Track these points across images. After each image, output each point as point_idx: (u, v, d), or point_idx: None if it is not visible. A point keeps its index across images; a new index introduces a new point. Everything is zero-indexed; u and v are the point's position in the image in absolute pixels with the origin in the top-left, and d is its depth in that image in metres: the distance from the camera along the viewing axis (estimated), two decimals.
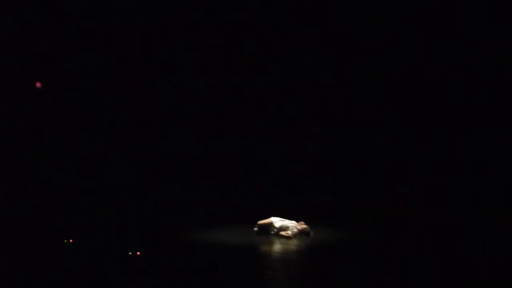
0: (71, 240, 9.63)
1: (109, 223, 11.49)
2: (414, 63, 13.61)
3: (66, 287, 7.31)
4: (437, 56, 13.46)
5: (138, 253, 8.87)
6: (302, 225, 11.15)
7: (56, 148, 13.73)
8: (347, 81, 14.03)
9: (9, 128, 13.39)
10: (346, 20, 13.82)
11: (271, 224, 11.26)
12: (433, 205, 13.04)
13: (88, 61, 13.91)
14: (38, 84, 13.86)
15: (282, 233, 11.13)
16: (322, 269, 8.69)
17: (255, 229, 11.32)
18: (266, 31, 14.07)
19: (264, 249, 10.26)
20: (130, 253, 8.84)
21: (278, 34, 14.02)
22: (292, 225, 11.21)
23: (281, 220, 11.29)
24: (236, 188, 13.91)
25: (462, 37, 13.20)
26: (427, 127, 13.69)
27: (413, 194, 13.37)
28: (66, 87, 13.95)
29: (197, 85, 14.38)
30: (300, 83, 14.27)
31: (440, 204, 13.05)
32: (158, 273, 7.95)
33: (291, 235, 11.04)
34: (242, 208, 12.48)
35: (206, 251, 9.54)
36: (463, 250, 9.89)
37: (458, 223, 12.11)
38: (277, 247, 10.30)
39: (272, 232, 11.19)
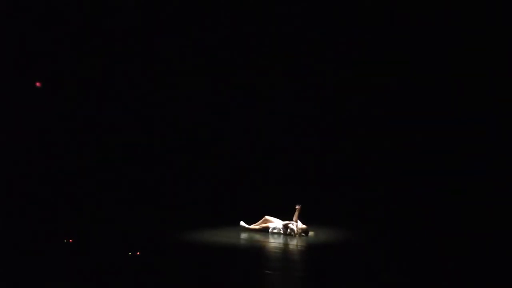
0: (71, 240, 9.63)
1: (109, 223, 11.49)
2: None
3: (66, 287, 7.31)
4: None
5: (138, 253, 8.88)
6: (302, 225, 11.15)
7: (56, 148, 13.74)
8: (346, 81, 14.07)
9: (9, 128, 13.40)
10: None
11: (268, 222, 11.34)
12: (432, 204, 13.08)
13: (87, 60, 13.94)
14: (38, 84, 13.86)
15: (275, 230, 11.21)
16: (322, 269, 8.69)
17: (243, 224, 11.40)
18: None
19: (264, 249, 10.26)
20: (130, 253, 8.84)
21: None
22: (291, 225, 11.23)
23: (278, 220, 11.36)
24: (236, 188, 13.93)
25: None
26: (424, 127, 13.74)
27: (413, 194, 13.40)
28: (66, 87, 13.97)
29: (197, 85, 14.39)
30: (299, 83, 14.30)
31: (439, 203, 13.08)
32: (157, 273, 7.95)
33: (292, 233, 11.08)
34: (241, 208, 12.48)
35: (205, 251, 9.54)
36: (464, 250, 9.92)
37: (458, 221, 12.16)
38: (276, 247, 10.30)
39: (270, 230, 11.26)
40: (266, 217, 11.44)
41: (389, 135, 13.81)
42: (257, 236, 11.00)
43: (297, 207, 11.15)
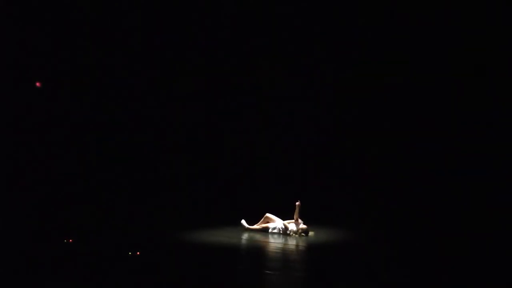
0: (71, 240, 9.63)
1: (109, 223, 11.49)
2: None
3: (66, 287, 7.31)
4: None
5: (138, 253, 8.88)
6: (302, 225, 11.16)
7: (56, 148, 13.73)
8: (346, 81, 14.08)
9: (9, 128, 13.40)
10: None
11: (270, 221, 11.38)
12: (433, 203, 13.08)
13: (88, 60, 13.94)
14: (38, 84, 13.86)
15: (276, 230, 11.24)
16: (322, 269, 8.69)
17: (244, 223, 11.41)
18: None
19: (264, 249, 10.26)
20: (130, 253, 8.85)
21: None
22: (291, 225, 11.25)
23: (279, 219, 11.39)
24: (236, 188, 13.93)
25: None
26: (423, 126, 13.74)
27: (413, 194, 13.40)
28: (66, 87, 13.97)
29: (196, 85, 14.39)
30: (299, 83, 14.31)
31: (440, 203, 13.08)
32: (157, 273, 7.95)
33: (292, 233, 11.10)
34: (241, 208, 12.48)
35: (205, 251, 9.54)
36: (464, 249, 9.92)
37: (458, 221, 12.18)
38: (276, 247, 10.30)
39: (270, 230, 11.30)
40: (267, 215, 11.46)
41: (389, 135, 13.81)
42: (257, 236, 11.01)
43: (297, 203, 11.18)
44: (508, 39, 12.97)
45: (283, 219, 11.39)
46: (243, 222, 11.48)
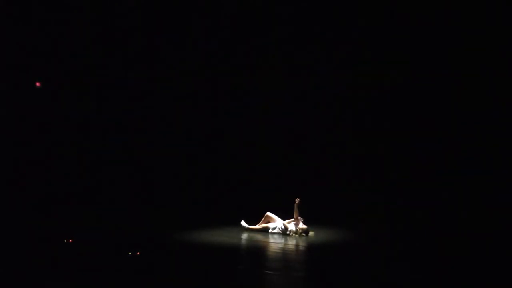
0: (71, 240, 9.62)
1: (109, 223, 11.49)
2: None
3: (66, 287, 7.31)
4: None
5: (138, 253, 8.88)
6: (302, 225, 11.17)
7: (56, 148, 13.73)
8: (345, 81, 14.07)
9: (9, 128, 13.40)
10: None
11: (270, 220, 11.39)
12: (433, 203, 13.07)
13: (88, 60, 13.95)
14: (38, 84, 13.86)
15: (276, 230, 11.25)
16: (322, 269, 8.69)
17: (244, 224, 11.42)
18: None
19: (264, 249, 10.26)
20: (130, 253, 8.84)
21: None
22: (291, 225, 11.25)
23: (279, 219, 11.40)
24: (236, 188, 13.92)
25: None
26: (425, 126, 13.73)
27: (413, 194, 13.39)
28: (66, 87, 13.97)
29: (196, 85, 14.39)
30: (299, 83, 14.30)
31: (440, 203, 13.08)
32: (157, 274, 7.95)
33: (291, 233, 11.11)
34: (241, 208, 12.48)
35: (205, 251, 9.54)
36: (465, 249, 9.92)
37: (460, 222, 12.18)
38: (276, 247, 10.30)
39: (270, 230, 11.31)
40: (268, 213, 11.47)
41: (389, 135, 13.81)
42: (257, 236, 11.01)
43: (296, 200, 11.19)
44: (508, 39, 12.96)
45: (283, 219, 11.40)
46: (243, 223, 11.48)
